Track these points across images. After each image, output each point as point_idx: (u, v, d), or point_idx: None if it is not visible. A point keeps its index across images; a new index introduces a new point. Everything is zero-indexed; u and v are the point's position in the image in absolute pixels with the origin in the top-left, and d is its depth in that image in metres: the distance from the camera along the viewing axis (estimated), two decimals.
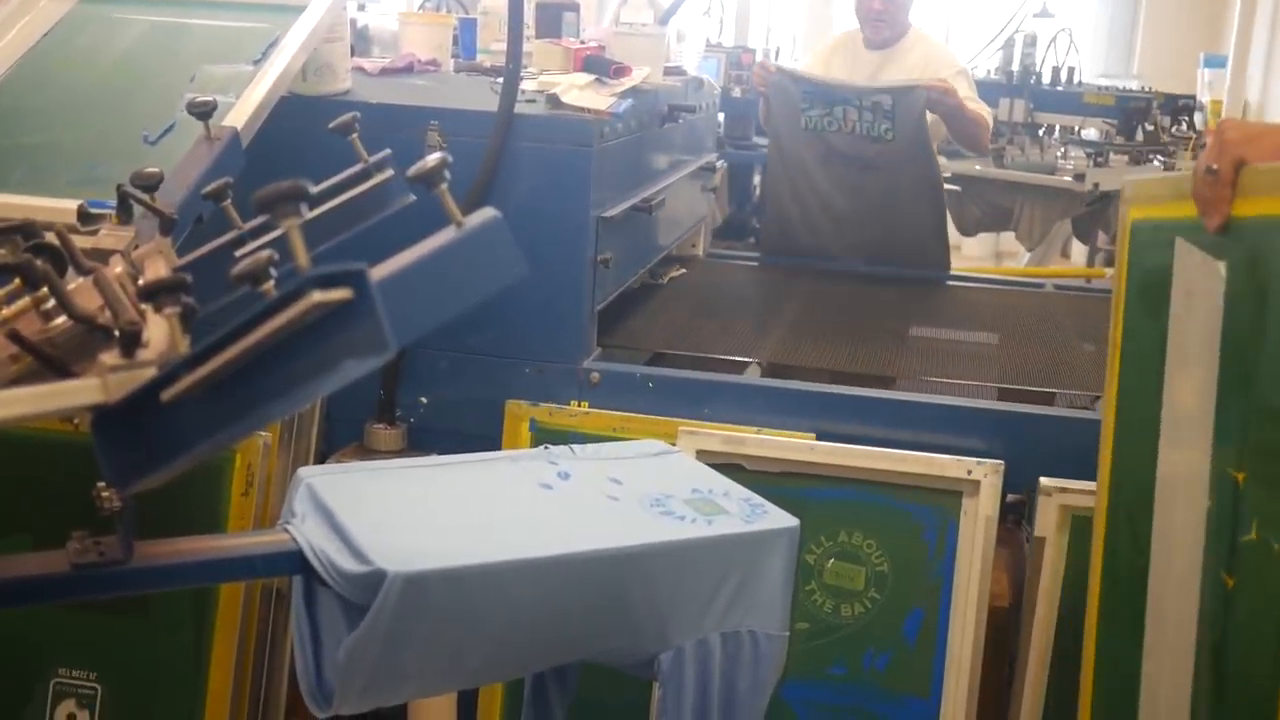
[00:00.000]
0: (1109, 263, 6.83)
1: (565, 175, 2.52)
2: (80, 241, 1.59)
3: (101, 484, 1.45)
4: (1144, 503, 1.61)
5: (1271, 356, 1.37)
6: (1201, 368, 1.50)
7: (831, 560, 2.40)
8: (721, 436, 2.41)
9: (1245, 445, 1.42)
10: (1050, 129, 6.05)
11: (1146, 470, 1.60)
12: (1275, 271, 1.37)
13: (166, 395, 1.09)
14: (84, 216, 1.78)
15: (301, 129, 2.29)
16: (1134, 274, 1.68)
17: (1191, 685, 1.48)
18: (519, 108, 2.50)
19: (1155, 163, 6.18)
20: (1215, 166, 1.47)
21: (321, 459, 2.57)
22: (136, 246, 1.69)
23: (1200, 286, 1.51)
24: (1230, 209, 1.46)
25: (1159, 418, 1.59)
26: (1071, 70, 6.47)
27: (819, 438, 2.41)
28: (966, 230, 6.01)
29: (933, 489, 2.35)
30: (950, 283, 3.75)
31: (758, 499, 1.97)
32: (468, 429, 2.56)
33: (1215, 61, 6.99)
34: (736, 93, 5.80)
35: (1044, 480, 2.28)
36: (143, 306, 1.23)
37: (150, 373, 1.13)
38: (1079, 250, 7.10)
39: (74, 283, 1.45)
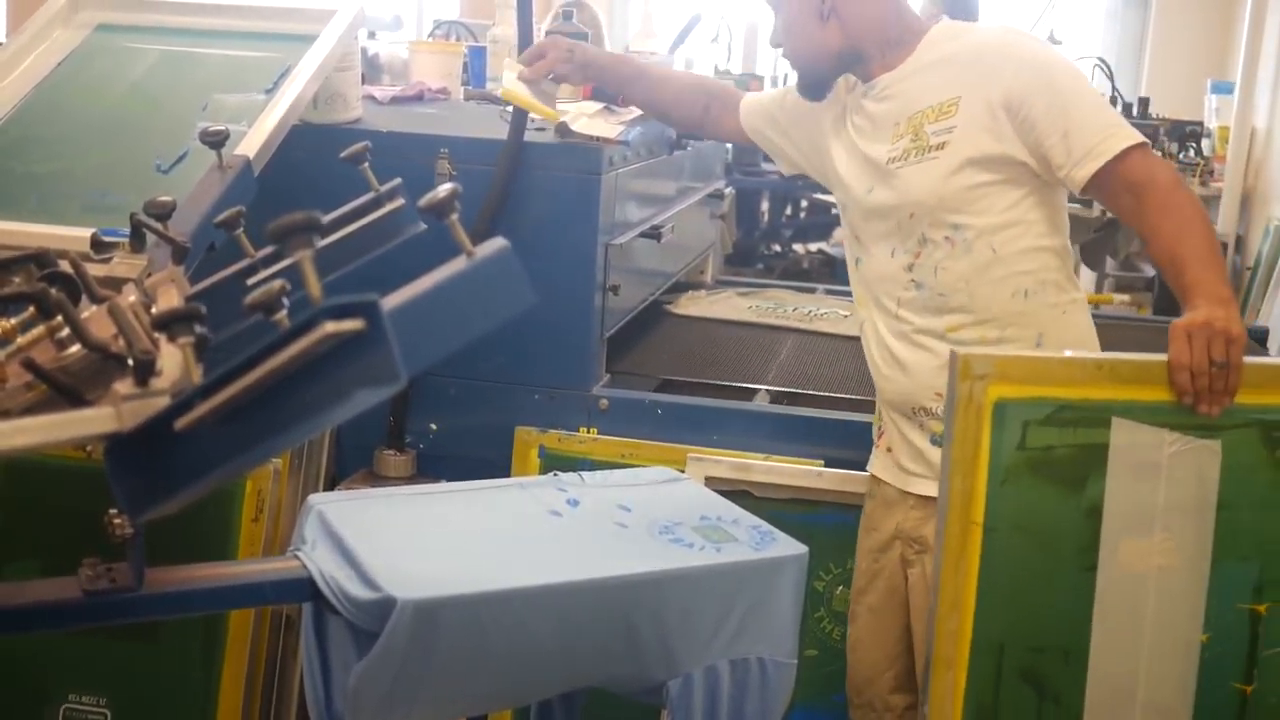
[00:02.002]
0: (1118, 288, 6.83)
1: (574, 203, 2.53)
2: (94, 270, 1.61)
3: (113, 511, 1.46)
4: (1055, 651, 1.80)
5: None
6: (1189, 532, 1.78)
7: (840, 587, 2.40)
8: (730, 463, 2.42)
9: (1265, 584, 1.81)
10: None
11: (1044, 627, 1.80)
12: None
13: (180, 424, 1.10)
14: (97, 245, 1.79)
15: (313, 157, 2.31)
16: (1006, 449, 1.73)
17: None
18: (528, 136, 2.52)
19: None
20: (1226, 360, 1.73)
21: (331, 485, 2.58)
22: (149, 275, 1.70)
23: (1176, 461, 1.76)
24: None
25: (1061, 583, 1.79)
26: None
27: (827, 464, 2.41)
28: None
29: None
30: None
31: (766, 526, 1.98)
32: (477, 455, 2.57)
33: (1222, 88, 6.99)
34: None
35: None
36: (156, 335, 1.24)
37: (164, 401, 1.14)
38: (1087, 276, 7.11)
39: (88, 311, 1.46)
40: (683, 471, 2.31)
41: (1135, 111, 6.37)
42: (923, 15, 5.10)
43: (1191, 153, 6.45)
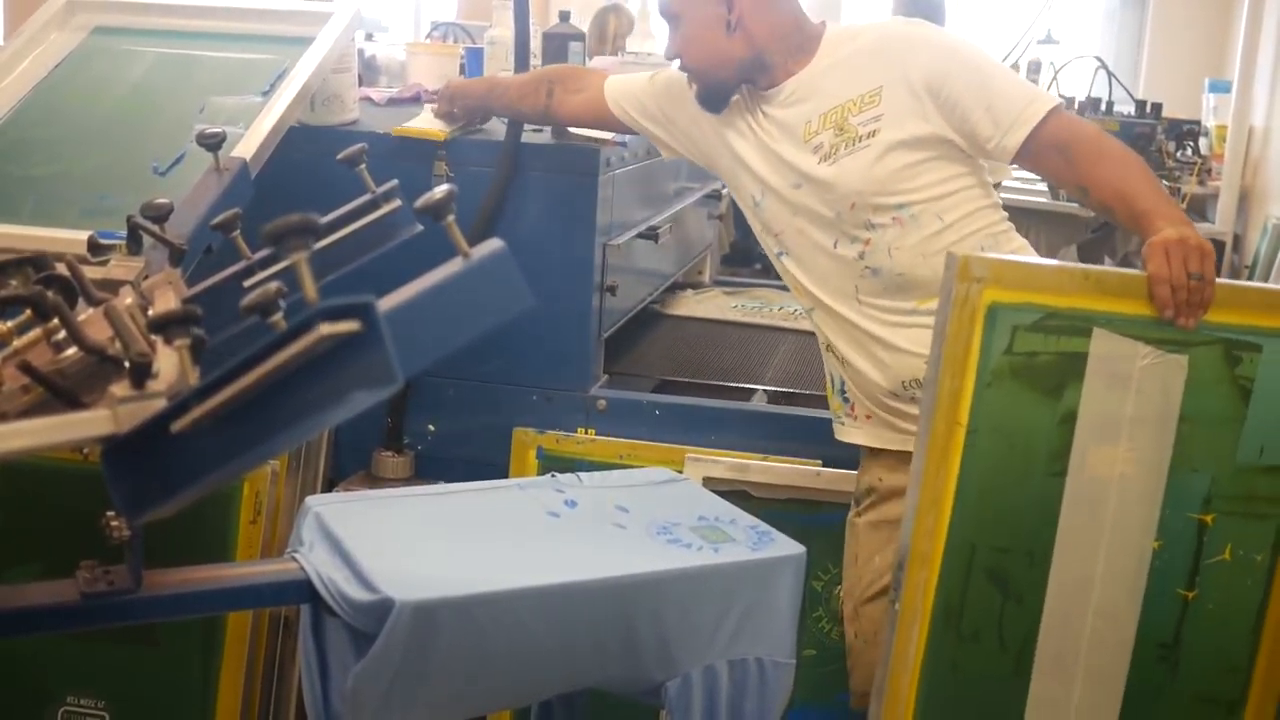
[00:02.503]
0: None
1: (572, 203, 2.53)
2: (90, 272, 1.61)
3: (111, 513, 1.46)
4: (1020, 552, 1.85)
5: (1250, 431, 1.84)
6: (1150, 442, 1.84)
7: (838, 587, 2.40)
8: (728, 463, 2.42)
9: (1214, 495, 1.86)
10: None
11: (1012, 529, 1.85)
12: (1255, 369, 1.83)
13: (176, 426, 1.10)
14: (94, 247, 1.80)
15: (310, 159, 2.31)
16: (994, 352, 1.78)
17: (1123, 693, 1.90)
18: (526, 137, 2.52)
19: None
20: (1201, 274, 1.78)
21: (329, 487, 2.58)
22: (146, 277, 1.70)
23: (1147, 374, 1.82)
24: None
25: (1031, 487, 1.84)
26: (1074, 98, 6.48)
27: (825, 464, 2.41)
28: None
29: None
30: None
31: (764, 526, 1.98)
32: (475, 457, 2.57)
33: (1220, 87, 6.99)
34: None
35: None
36: (153, 338, 1.24)
37: (160, 404, 1.14)
38: None
39: (84, 314, 1.46)
40: (680, 472, 2.31)
41: (1134, 113, 6.37)
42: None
43: (1189, 151, 6.45)
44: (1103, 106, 6.40)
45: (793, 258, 2.18)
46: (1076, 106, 6.08)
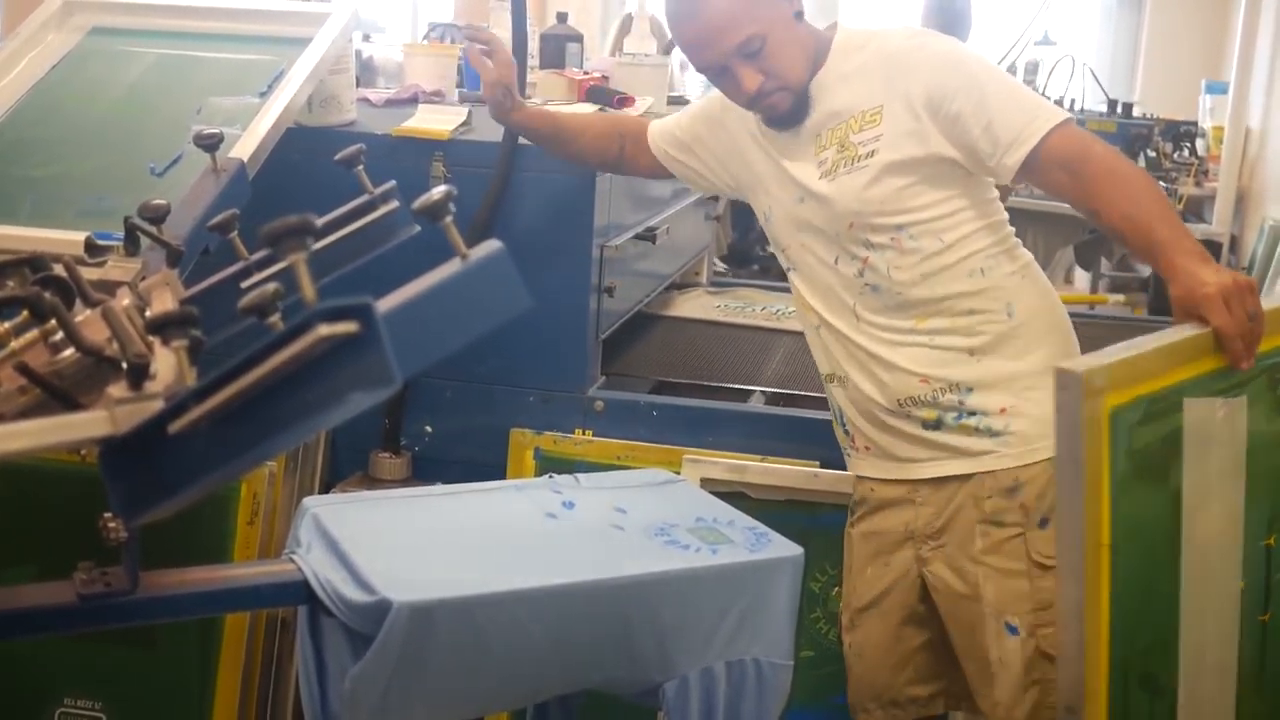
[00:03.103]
0: (1112, 289, 6.84)
1: (569, 205, 2.53)
2: (87, 273, 1.61)
3: (108, 514, 1.46)
4: (1159, 645, 1.76)
5: None
6: (1231, 489, 1.77)
7: (836, 588, 2.40)
8: (725, 465, 2.42)
9: (1274, 516, 1.82)
10: None
11: (1151, 626, 1.74)
12: None
13: (174, 427, 1.10)
14: (91, 248, 1.79)
15: (307, 160, 2.31)
16: (1120, 460, 1.66)
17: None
18: (523, 138, 2.52)
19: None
20: (1256, 312, 1.72)
21: (326, 488, 2.58)
22: (143, 278, 1.70)
23: (1223, 426, 1.75)
24: None
25: (1160, 578, 1.74)
26: (1074, 99, 6.50)
27: (822, 465, 2.41)
28: None
29: None
30: None
31: (762, 527, 1.98)
32: (472, 458, 2.57)
33: (1217, 88, 7.01)
34: None
35: None
36: (150, 339, 1.24)
37: (158, 405, 1.14)
38: (1081, 277, 7.12)
39: (82, 315, 1.46)
40: (678, 473, 2.31)
41: (1120, 112, 6.39)
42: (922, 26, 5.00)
43: (1186, 153, 6.47)
44: (1079, 104, 6.42)
45: (799, 273, 2.15)
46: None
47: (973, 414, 2.02)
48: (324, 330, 1.01)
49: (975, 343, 2.03)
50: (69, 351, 1.34)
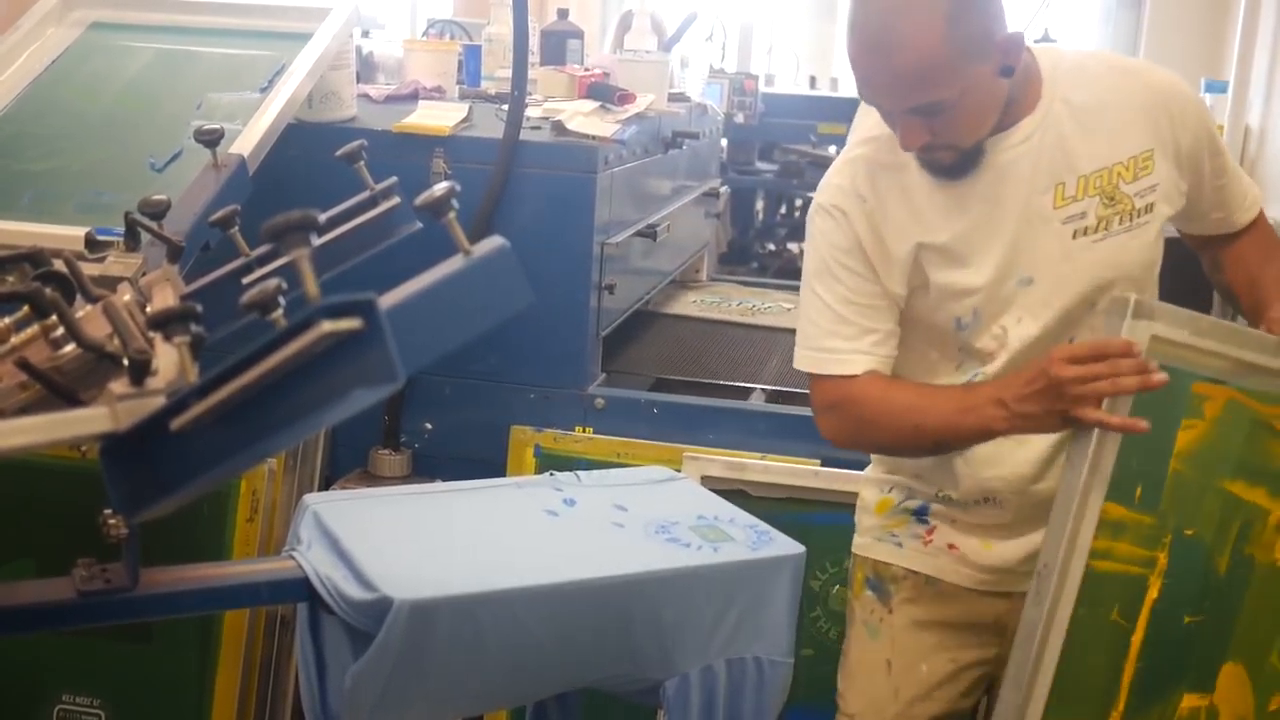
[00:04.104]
0: None
1: (570, 201, 2.52)
2: (88, 269, 1.60)
3: (108, 511, 1.45)
4: None
5: None
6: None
7: (837, 587, 2.40)
8: (726, 462, 2.41)
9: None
10: None
11: None
12: None
13: (176, 424, 1.09)
14: (91, 244, 1.79)
15: (308, 156, 2.31)
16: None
17: None
18: (524, 134, 2.51)
19: None
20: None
21: (326, 485, 2.57)
22: (144, 274, 1.69)
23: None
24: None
25: None
26: None
27: (823, 463, 2.41)
28: None
29: None
30: None
31: (763, 525, 1.97)
32: (472, 455, 2.56)
33: (1216, 87, 7.00)
34: (740, 119, 5.81)
35: None
36: (151, 334, 1.23)
37: (159, 401, 1.13)
38: None
39: (82, 310, 1.45)
40: (679, 471, 2.30)
41: None
42: None
43: None
44: None
45: (1000, 362, 1.74)
46: None
47: None
48: (327, 326, 1.01)
49: None
50: (70, 347, 1.33)
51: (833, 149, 6.15)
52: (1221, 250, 1.88)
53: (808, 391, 2.52)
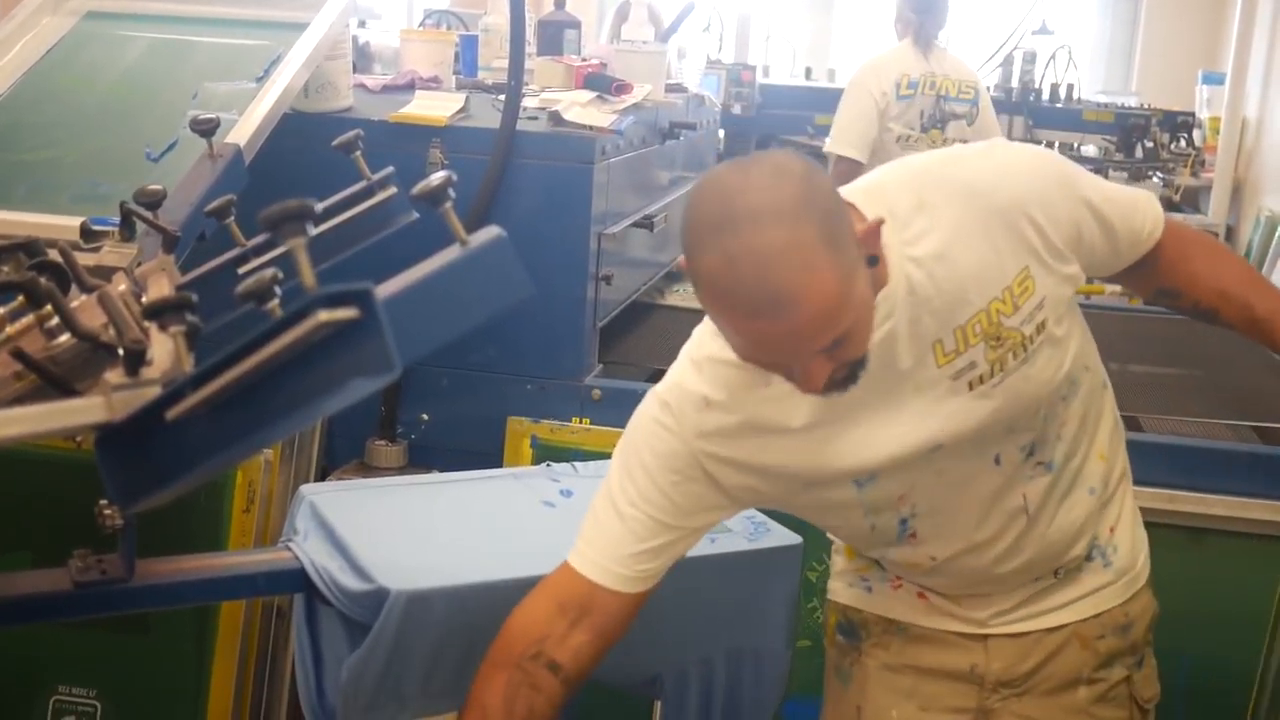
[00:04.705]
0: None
1: (567, 192, 2.52)
2: (83, 259, 1.59)
3: (104, 502, 1.45)
4: None
5: None
6: None
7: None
8: None
9: None
10: (1049, 146, 6.06)
11: None
12: None
13: (171, 414, 1.09)
14: (87, 234, 1.78)
15: (304, 146, 2.29)
16: None
17: None
18: (521, 125, 2.51)
19: (1154, 179, 6.20)
20: None
21: (323, 476, 2.57)
22: (140, 264, 1.69)
23: None
24: None
25: None
26: (1071, 87, 6.50)
27: None
28: None
29: None
30: None
31: (760, 517, 1.97)
32: (469, 446, 2.56)
33: (1214, 78, 7.00)
34: (737, 109, 5.81)
35: None
36: (147, 324, 1.23)
37: (155, 391, 1.13)
38: None
39: (77, 300, 1.45)
40: None
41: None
42: (897, 21, 4.86)
43: (1183, 143, 6.46)
44: (1075, 94, 6.43)
45: (925, 518, 1.61)
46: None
47: (1093, 551, 1.69)
48: (324, 316, 1.00)
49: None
50: (65, 337, 1.32)
51: (829, 140, 6.16)
52: (1154, 273, 1.69)
53: None
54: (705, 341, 1.61)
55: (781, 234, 1.29)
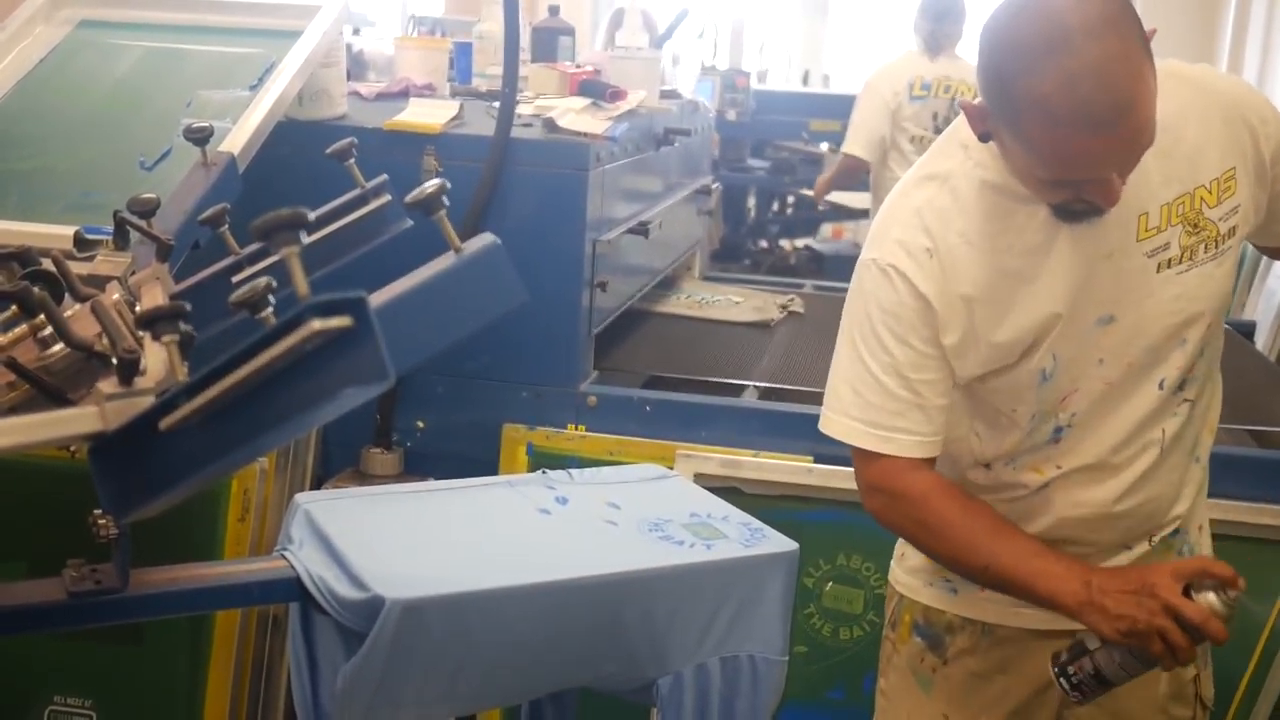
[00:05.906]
0: None
1: (561, 199, 2.52)
2: (77, 268, 1.59)
3: (98, 511, 1.45)
4: None
5: None
6: None
7: (830, 583, 2.40)
8: (719, 460, 2.41)
9: None
10: None
11: None
12: None
13: (165, 423, 1.09)
14: (80, 243, 1.78)
15: (298, 154, 2.30)
16: None
17: None
18: (515, 132, 2.50)
19: None
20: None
21: (318, 484, 2.56)
22: (133, 273, 1.69)
23: None
24: None
25: None
26: None
27: (816, 460, 2.41)
28: None
29: None
30: None
31: (756, 523, 1.97)
32: (465, 453, 2.56)
33: None
34: (731, 115, 5.81)
35: None
36: (140, 334, 1.22)
37: (148, 401, 1.13)
38: None
39: (71, 310, 1.45)
40: (672, 468, 2.30)
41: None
42: (914, 28, 4.91)
43: None
44: None
45: (1078, 429, 1.62)
46: None
47: (1179, 533, 1.71)
48: (317, 325, 1.00)
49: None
50: (58, 347, 1.32)
51: (824, 145, 6.16)
52: None
53: (801, 388, 2.52)
54: (907, 190, 1.62)
55: (1115, 45, 1.33)
